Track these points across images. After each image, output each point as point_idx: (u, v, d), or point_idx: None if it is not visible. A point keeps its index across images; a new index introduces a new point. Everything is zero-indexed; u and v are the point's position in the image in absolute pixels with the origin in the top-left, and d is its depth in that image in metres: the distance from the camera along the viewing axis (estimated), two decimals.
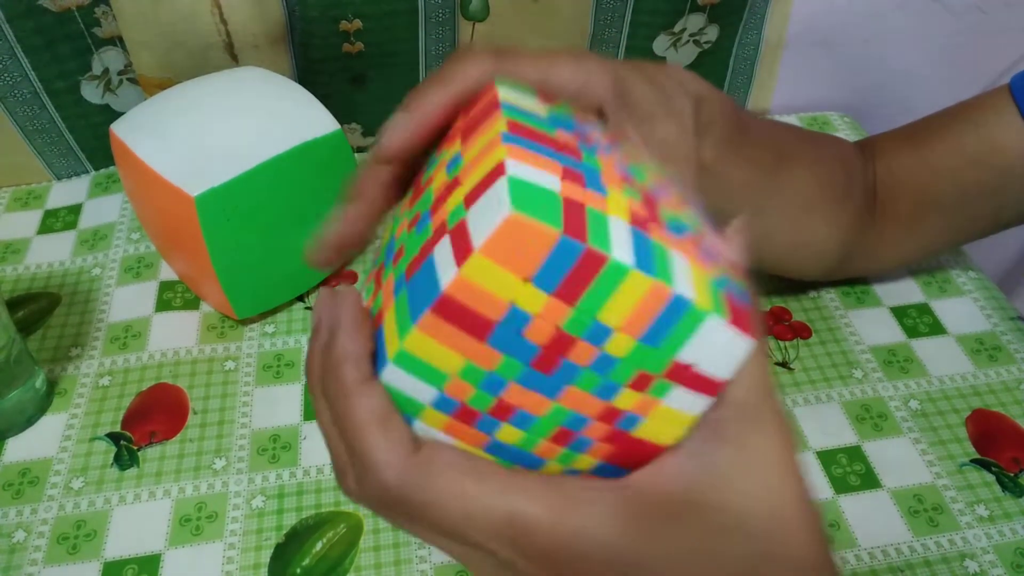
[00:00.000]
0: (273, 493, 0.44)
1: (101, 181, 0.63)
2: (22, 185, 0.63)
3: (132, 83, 0.60)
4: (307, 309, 0.54)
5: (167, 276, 0.55)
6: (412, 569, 0.41)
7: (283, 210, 0.48)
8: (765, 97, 0.70)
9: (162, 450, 0.46)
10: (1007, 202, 0.46)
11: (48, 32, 0.55)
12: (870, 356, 0.51)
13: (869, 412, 0.48)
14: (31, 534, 0.42)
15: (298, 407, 0.48)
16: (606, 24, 0.61)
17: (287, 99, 0.50)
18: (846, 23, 0.66)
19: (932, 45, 0.68)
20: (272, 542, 0.42)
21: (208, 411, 0.48)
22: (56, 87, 0.58)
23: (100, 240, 0.58)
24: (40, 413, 0.47)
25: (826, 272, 0.51)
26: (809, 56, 0.67)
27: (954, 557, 0.41)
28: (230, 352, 0.51)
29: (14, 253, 0.57)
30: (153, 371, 0.50)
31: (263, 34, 0.56)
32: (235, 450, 0.46)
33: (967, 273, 0.56)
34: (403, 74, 0.61)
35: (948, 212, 0.48)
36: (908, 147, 0.48)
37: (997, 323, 0.53)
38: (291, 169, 0.47)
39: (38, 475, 0.44)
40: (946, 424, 0.47)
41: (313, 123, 0.48)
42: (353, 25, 0.57)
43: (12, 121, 0.58)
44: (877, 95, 0.71)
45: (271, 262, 0.50)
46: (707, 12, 0.61)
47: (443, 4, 0.57)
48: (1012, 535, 0.42)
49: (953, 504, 0.43)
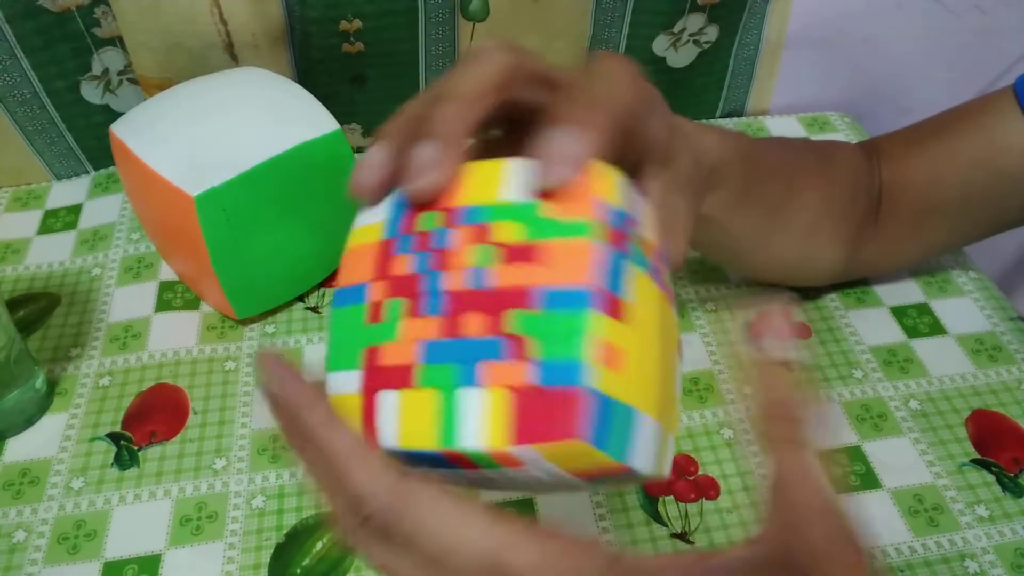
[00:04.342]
0: (273, 493, 0.44)
1: (101, 181, 0.63)
2: (22, 185, 0.63)
3: (132, 83, 0.60)
4: (307, 309, 0.54)
5: (167, 276, 0.55)
6: None
7: (283, 210, 0.48)
8: (765, 97, 0.70)
9: (162, 450, 0.46)
10: (1011, 204, 0.46)
11: (48, 32, 0.55)
12: (870, 356, 0.51)
13: (869, 412, 0.48)
14: (31, 534, 0.42)
15: None
16: (606, 24, 0.61)
17: (287, 99, 0.50)
18: (846, 23, 0.66)
19: (932, 45, 0.68)
20: (272, 542, 0.42)
21: (208, 411, 0.48)
22: (56, 87, 0.58)
23: (100, 240, 0.58)
24: (40, 413, 0.47)
25: (827, 281, 0.51)
26: (809, 56, 0.67)
27: (954, 557, 0.41)
28: (230, 352, 0.51)
29: (14, 253, 0.57)
30: (153, 371, 0.50)
31: (263, 34, 0.56)
32: (235, 450, 0.46)
33: (967, 273, 0.56)
34: (403, 74, 0.61)
35: (951, 214, 0.48)
36: (911, 149, 0.48)
37: (997, 323, 0.53)
38: (291, 169, 0.47)
39: (38, 475, 0.44)
40: (946, 424, 0.47)
41: (313, 123, 0.48)
42: (353, 25, 0.57)
43: (12, 121, 0.58)
44: (877, 95, 0.71)
45: (271, 262, 0.50)
46: (707, 12, 0.61)
47: (443, 4, 0.57)
48: (1012, 535, 0.42)
49: (953, 504, 0.43)
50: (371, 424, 0.22)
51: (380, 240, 0.24)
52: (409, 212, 0.24)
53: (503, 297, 0.21)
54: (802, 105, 0.71)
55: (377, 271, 0.23)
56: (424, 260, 0.22)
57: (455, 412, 0.20)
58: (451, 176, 0.23)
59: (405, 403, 0.21)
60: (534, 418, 0.20)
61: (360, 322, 0.23)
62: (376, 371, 0.22)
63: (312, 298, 0.54)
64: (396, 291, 0.22)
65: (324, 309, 0.54)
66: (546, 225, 0.21)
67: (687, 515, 0.43)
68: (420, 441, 0.21)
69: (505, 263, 0.21)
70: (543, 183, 0.22)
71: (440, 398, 0.21)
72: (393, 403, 0.21)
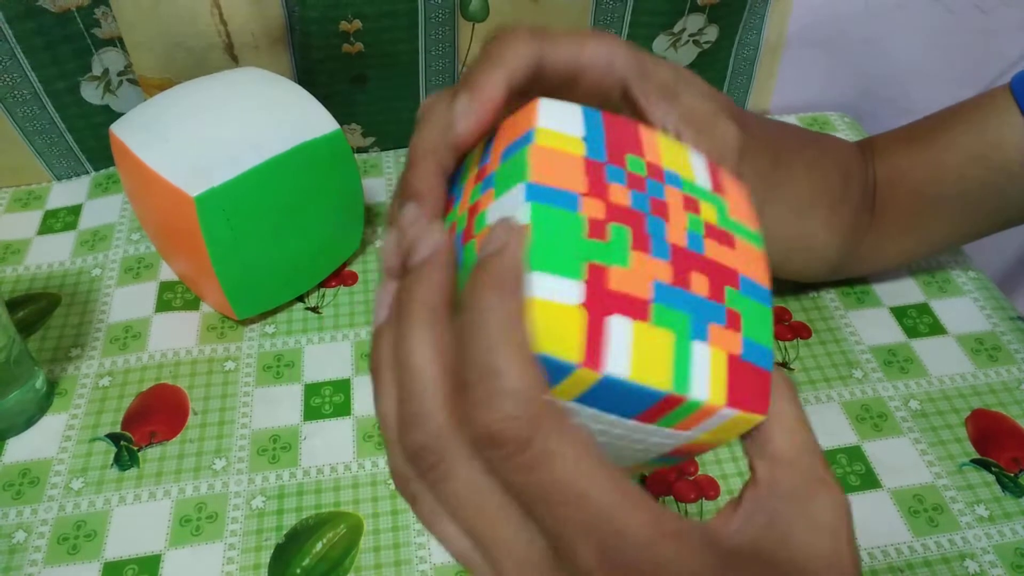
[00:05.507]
0: (273, 493, 0.44)
1: (101, 181, 0.63)
2: (22, 186, 0.63)
3: (132, 83, 0.60)
4: (307, 309, 0.54)
5: (167, 276, 0.55)
6: (412, 569, 0.41)
7: (283, 210, 0.48)
8: (765, 97, 0.70)
9: (162, 450, 0.46)
10: (1008, 201, 0.46)
11: (48, 33, 0.55)
12: (870, 356, 0.51)
13: (869, 412, 0.48)
14: (31, 534, 0.42)
15: (298, 407, 0.48)
16: (605, 24, 0.61)
17: (287, 99, 0.50)
18: (846, 23, 0.66)
19: (932, 45, 0.68)
20: (272, 542, 0.42)
21: (208, 411, 0.48)
22: (56, 87, 0.58)
23: (100, 240, 0.58)
24: (40, 413, 0.47)
25: (826, 273, 0.51)
26: (809, 56, 0.67)
27: (954, 557, 0.41)
28: (230, 352, 0.51)
29: (14, 253, 0.57)
30: (153, 371, 0.50)
31: (263, 34, 0.56)
32: (235, 450, 0.46)
33: (967, 273, 0.56)
34: (403, 74, 0.61)
35: (949, 211, 0.48)
36: (909, 146, 0.48)
37: (997, 323, 0.53)
38: (291, 169, 0.47)
39: (38, 475, 0.44)
40: (946, 424, 0.47)
41: (313, 123, 0.48)
42: (353, 25, 0.57)
43: (12, 121, 0.58)
44: (877, 95, 0.71)
45: (271, 262, 0.50)
46: (707, 12, 0.61)
47: (443, 4, 0.57)
48: (1012, 535, 0.42)
49: (953, 504, 0.43)
50: (596, 346, 0.20)
51: (585, 156, 0.23)
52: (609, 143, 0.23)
53: (719, 270, 0.23)
54: (802, 105, 0.71)
55: (590, 187, 0.22)
56: (643, 201, 0.23)
57: (689, 361, 0.21)
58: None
59: (640, 336, 0.20)
60: (742, 387, 0.22)
61: (579, 232, 0.21)
62: (606, 292, 0.21)
63: (312, 298, 0.54)
64: (620, 218, 0.22)
65: (324, 309, 0.54)
66: (734, 225, 0.24)
67: (687, 515, 0.43)
68: (653, 378, 0.20)
69: (711, 239, 0.23)
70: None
71: (675, 342, 0.21)
72: (627, 331, 0.20)
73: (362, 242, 0.57)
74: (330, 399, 0.48)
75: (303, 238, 0.51)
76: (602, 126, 0.24)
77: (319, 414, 0.48)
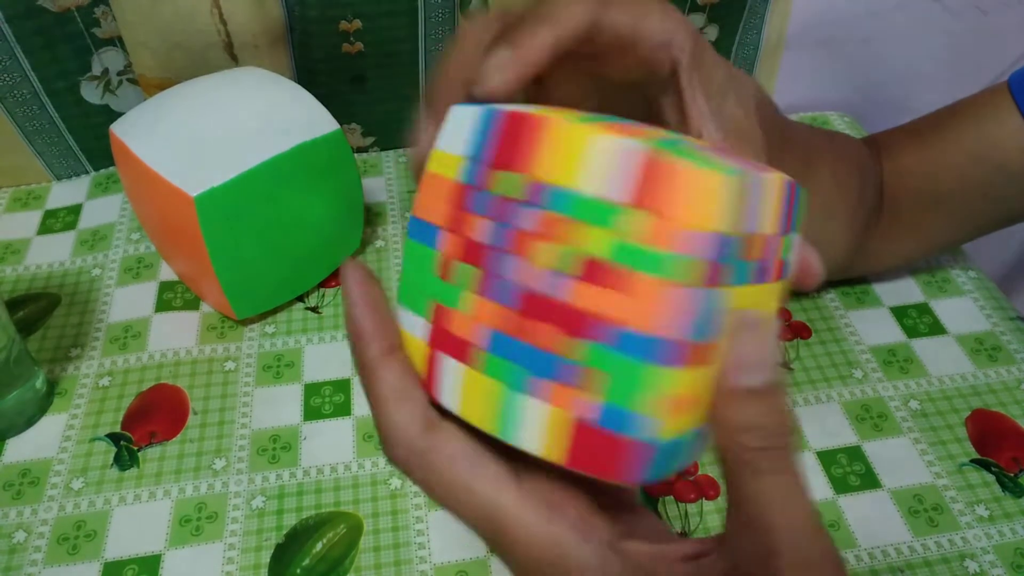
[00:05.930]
0: (273, 493, 0.44)
1: (101, 181, 0.63)
2: (22, 185, 0.63)
3: (132, 83, 0.60)
4: (307, 309, 0.54)
5: (167, 276, 0.55)
6: (412, 569, 0.41)
7: (283, 210, 0.48)
8: None
9: (162, 450, 0.46)
10: (1008, 199, 0.46)
11: (48, 32, 0.55)
12: (870, 356, 0.51)
13: (869, 412, 0.48)
14: (31, 534, 0.42)
15: (298, 407, 0.48)
16: None
17: (287, 99, 0.50)
18: (846, 23, 0.66)
19: (932, 45, 0.68)
20: (272, 542, 0.42)
21: (208, 411, 0.48)
22: (56, 87, 0.58)
23: (100, 240, 0.58)
24: (40, 413, 0.47)
25: (833, 275, 0.51)
26: (809, 56, 0.67)
27: (954, 557, 0.41)
28: (230, 352, 0.51)
29: (14, 253, 0.57)
30: (153, 371, 0.50)
31: (263, 34, 0.56)
32: (235, 450, 0.46)
33: (967, 273, 0.56)
34: (403, 74, 0.61)
35: (950, 209, 0.48)
36: (910, 144, 0.48)
37: (997, 323, 0.53)
38: (291, 169, 0.47)
39: (38, 475, 0.44)
40: (946, 424, 0.47)
41: (313, 123, 0.48)
42: (353, 25, 0.57)
43: (12, 121, 0.58)
44: (877, 95, 0.71)
45: (271, 262, 0.50)
46: (707, 12, 0.61)
47: (443, 4, 0.57)
48: (1012, 535, 0.42)
49: (953, 504, 0.43)
50: (432, 378, 0.23)
51: (457, 181, 0.22)
52: (494, 157, 0.22)
53: (579, 320, 0.20)
54: (802, 105, 0.71)
55: (451, 220, 0.22)
56: (499, 234, 0.21)
57: (516, 412, 0.21)
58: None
59: (468, 379, 0.22)
60: (590, 451, 0.20)
61: (431, 269, 0.22)
62: (442, 332, 0.22)
63: (312, 298, 0.54)
64: (467, 256, 0.22)
65: (324, 309, 0.54)
66: (634, 254, 0.19)
67: (687, 515, 0.43)
68: (478, 420, 0.22)
69: (584, 280, 0.20)
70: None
71: (503, 391, 0.21)
72: (456, 372, 0.22)
73: (362, 242, 0.57)
74: (330, 399, 0.48)
75: (303, 238, 0.51)
76: (497, 135, 0.22)
77: (319, 414, 0.48)
